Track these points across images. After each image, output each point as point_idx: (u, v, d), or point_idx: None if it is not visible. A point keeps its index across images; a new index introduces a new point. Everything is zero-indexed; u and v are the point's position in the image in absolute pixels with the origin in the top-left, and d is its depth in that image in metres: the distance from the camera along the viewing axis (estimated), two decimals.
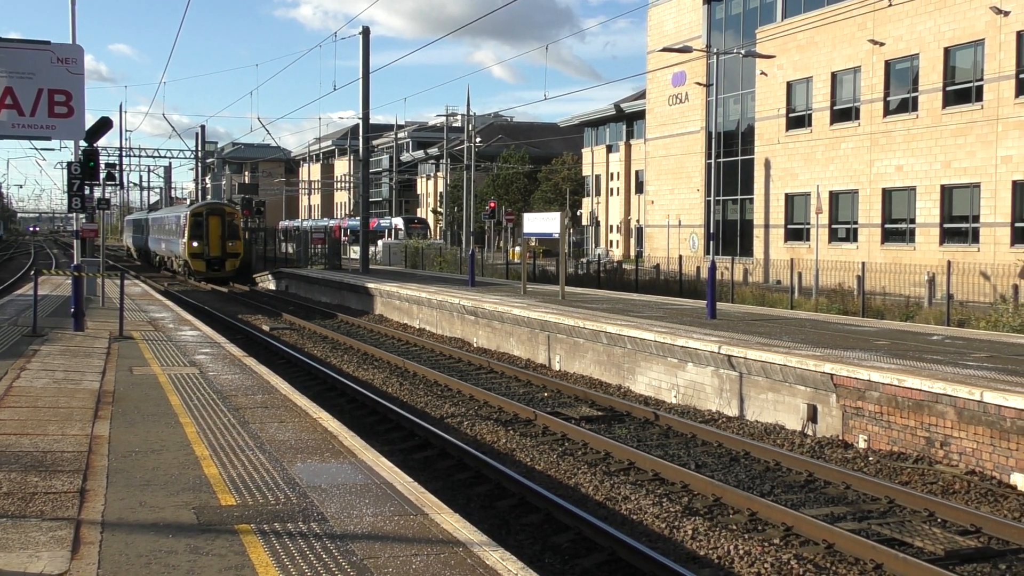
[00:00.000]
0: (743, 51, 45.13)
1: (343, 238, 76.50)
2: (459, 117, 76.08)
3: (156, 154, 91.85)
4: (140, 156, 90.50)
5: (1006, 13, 37.65)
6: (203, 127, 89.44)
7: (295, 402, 14.87)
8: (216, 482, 9.92)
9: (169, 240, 65.98)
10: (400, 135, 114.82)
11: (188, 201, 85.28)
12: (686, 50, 31.62)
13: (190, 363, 19.02)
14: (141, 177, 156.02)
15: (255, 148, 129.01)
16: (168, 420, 13.14)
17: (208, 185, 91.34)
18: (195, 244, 57.78)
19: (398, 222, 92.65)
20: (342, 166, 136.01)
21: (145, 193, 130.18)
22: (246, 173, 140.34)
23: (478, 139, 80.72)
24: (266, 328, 33.74)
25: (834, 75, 47.34)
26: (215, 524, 8.51)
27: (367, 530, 8.41)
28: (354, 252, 71.87)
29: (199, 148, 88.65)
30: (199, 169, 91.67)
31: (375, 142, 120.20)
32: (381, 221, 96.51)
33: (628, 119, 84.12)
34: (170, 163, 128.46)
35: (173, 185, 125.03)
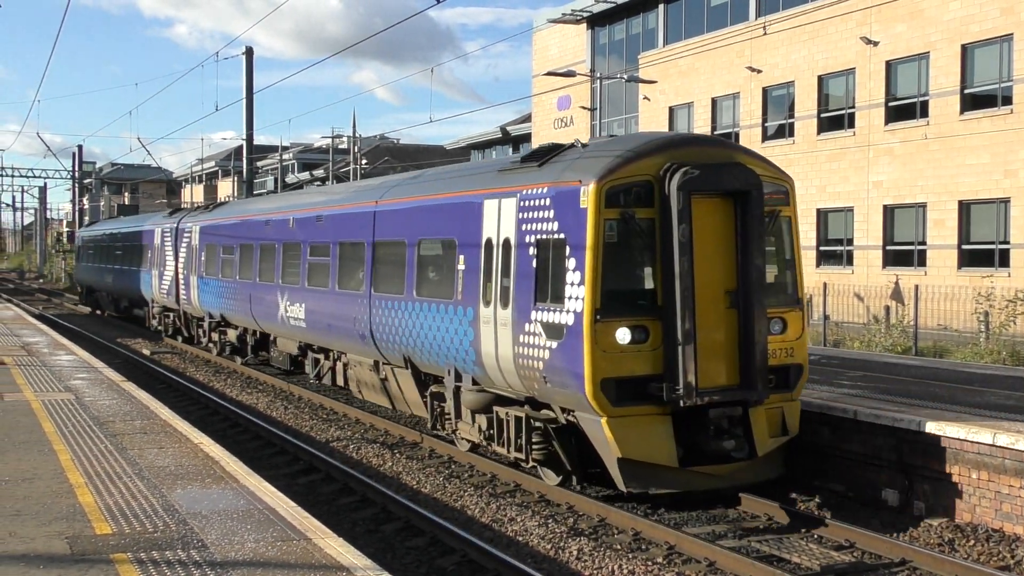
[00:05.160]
0: (626, 76, 45.88)
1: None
2: (345, 139, 75.72)
3: (30, 174, 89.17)
4: (13, 176, 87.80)
5: (875, 43, 39.04)
6: (80, 147, 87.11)
7: (176, 427, 14.56)
8: (91, 510, 9.65)
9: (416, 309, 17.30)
10: (285, 156, 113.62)
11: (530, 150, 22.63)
12: (570, 74, 32.08)
13: (65, 388, 18.47)
14: (14, 198, 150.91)
15: (135, 169, 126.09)
16: (41, 448, 12.75)
17: (86, 206, 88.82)
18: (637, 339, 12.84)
19: None
20: (226, 187, 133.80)
21: (19, 214, 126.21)
22: (126, 194, 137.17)
23: (364, 161, 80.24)
24: (147, 352, 32.97)
25: (714, 101, 48.41)
26: (89, 554, 8.27)
27: (249, 556, 8.28)
28: None
29: (76, 168, 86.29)
30: (76, 190, 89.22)
31: (259, 163, 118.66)
32: None
33: (514, 142, 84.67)
34: (45, 183, 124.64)
35: (48, 206, 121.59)
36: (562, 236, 13.09)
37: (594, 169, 12.93)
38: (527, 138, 74.43)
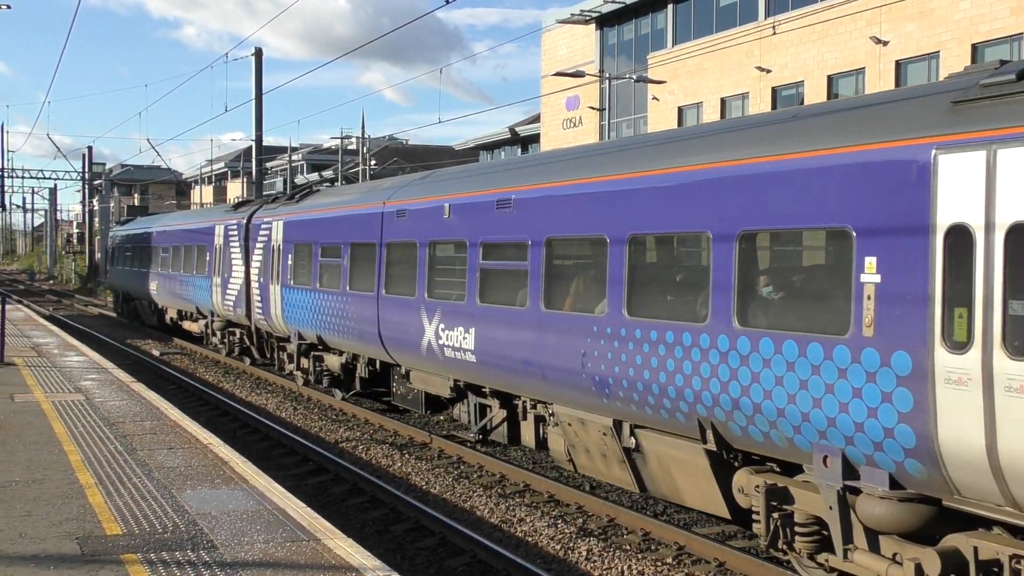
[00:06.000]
0: (635, 76, 45.91)
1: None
2: (354, 140, 75.83)
3: (40, 175, 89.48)
4: (23, 178, 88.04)
5: (885, 43, 38.99)
6: (90, 148, 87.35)
7: (185, 428, 14.60)
8: (101, 511, 9.67)
9: None
10: (294, 157, 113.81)
11: None
12: (579, 75, 32.09)
13: (76, 389, 18.52)
14: (24, 199, 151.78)
15: (145, 170, 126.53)
16: (52, 448, 12.78)
17: (96, 207, 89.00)
18: None
19: None
20: (235, 188, 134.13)
21: (29, 215, 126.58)
22: (135, 195, 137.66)
23: (373, 162, 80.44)
24: (156, 353, 33.04)
25: (723, 100, 48.37)
26: (100, 554, 8.29)
27: (258, 557, 8.29)
28: None
29: (86, 169, 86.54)
30: (86, 191, 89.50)
31: (269, 164, 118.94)
32: None
33: (523, 143, 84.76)
34: (55, 185, 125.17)
35: (59, 208, 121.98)
36: None
37: None
38: (536, 139, 74.53)
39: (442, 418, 18.91)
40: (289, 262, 23.57)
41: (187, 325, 34.72)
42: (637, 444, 12.37)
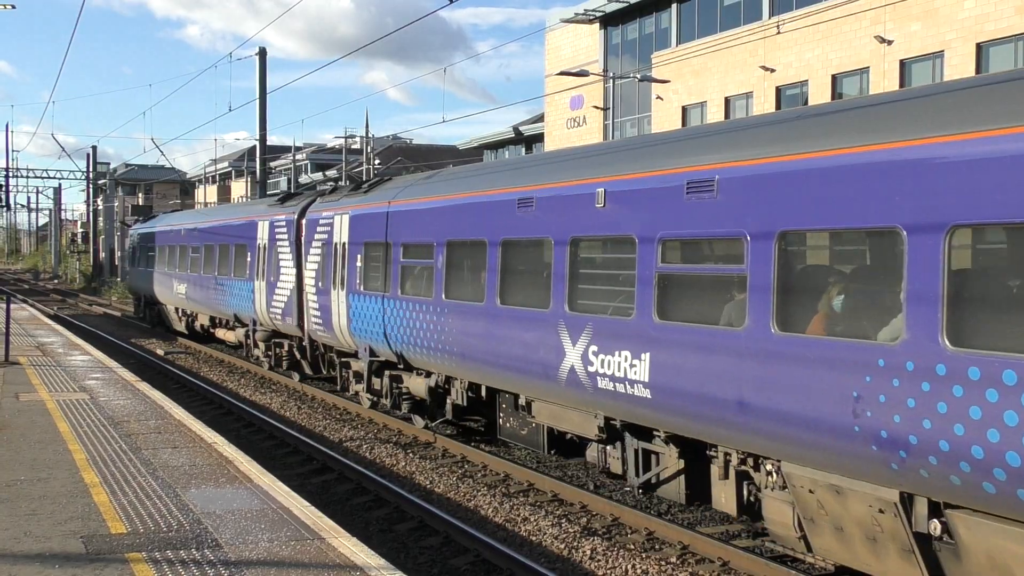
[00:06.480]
0: (639, 76, 45.90)
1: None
2: (358, 139, 75.90)
3: (45, 175, 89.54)
4: (27, 177, 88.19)
5: (889, 42, 38.96)
6: (94, 148, 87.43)
7: (190, 427, 14.63)
8: (106, 510, 9.69)
9: None
10: (298, 157, 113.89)
11: None
12: (583, 74, 32.08)
13: (80, 388, 18.55)
14: (29, 199, 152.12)
15: (149, 169, 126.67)
16: (56, 447, 12.81)
17: (100, 207, 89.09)
18: None
19: None
20: (239, 188, 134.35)
21: (33, 215, 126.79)
22: (139, 194, 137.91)
23: (377, 161, 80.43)
24: (161, 352, 33.06)
25: (727, 100, 48.34)
26: (104, 553, 8.31)
27: (263, 556, 8.30)
28: None
29: (90, 169, 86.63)
30: (90, 191, 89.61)
31: (273, 164, 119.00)
32: None
33: (527, 142, 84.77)
34: (60, 184, 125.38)
35: (63, 207, 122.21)
36: None
37: None
38: (539, 138, 74.58)
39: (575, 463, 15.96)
40: (358, 264, 19.89)
41: (221, 334, 31.17)
42: (945, 531, 8.74)
